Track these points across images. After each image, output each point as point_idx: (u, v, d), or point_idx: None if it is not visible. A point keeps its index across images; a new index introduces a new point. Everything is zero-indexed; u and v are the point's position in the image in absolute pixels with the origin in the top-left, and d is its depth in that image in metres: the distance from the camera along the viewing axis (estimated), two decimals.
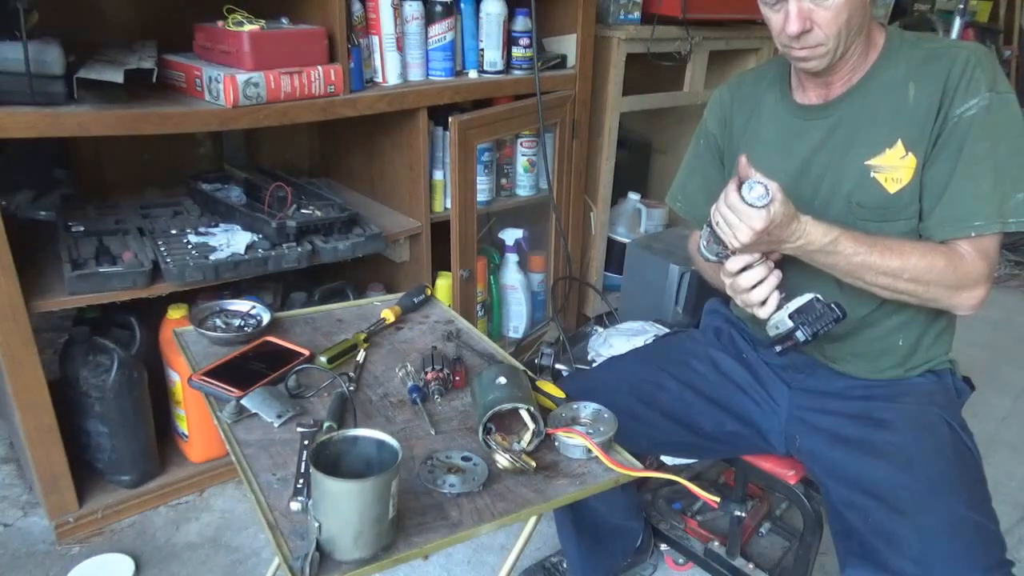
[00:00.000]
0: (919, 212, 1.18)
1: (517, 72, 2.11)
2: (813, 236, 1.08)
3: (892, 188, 1.18)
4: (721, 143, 1.39)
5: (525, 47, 2.09)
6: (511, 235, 2.32)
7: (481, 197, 2.13)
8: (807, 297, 1.11)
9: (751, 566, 1.58)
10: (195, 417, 1.79)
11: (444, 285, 2.09)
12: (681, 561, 1.70)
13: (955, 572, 1.00)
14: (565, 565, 1.63)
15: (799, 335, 1.09)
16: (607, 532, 1.49)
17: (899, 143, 1.17)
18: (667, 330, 1.82)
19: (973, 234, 1.12)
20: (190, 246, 1.67)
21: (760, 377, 1.36)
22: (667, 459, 1.47)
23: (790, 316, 1.10)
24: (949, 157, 1.13)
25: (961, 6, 2.38)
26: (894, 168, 1.17)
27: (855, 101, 1.21)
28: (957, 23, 2.39)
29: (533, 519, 0.96)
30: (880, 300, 1.19)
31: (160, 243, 1.66)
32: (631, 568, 1.68)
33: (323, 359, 1.19)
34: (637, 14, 2.32)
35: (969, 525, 1.03)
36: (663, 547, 1.71)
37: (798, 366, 1.32)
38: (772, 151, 1.29)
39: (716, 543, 1.63)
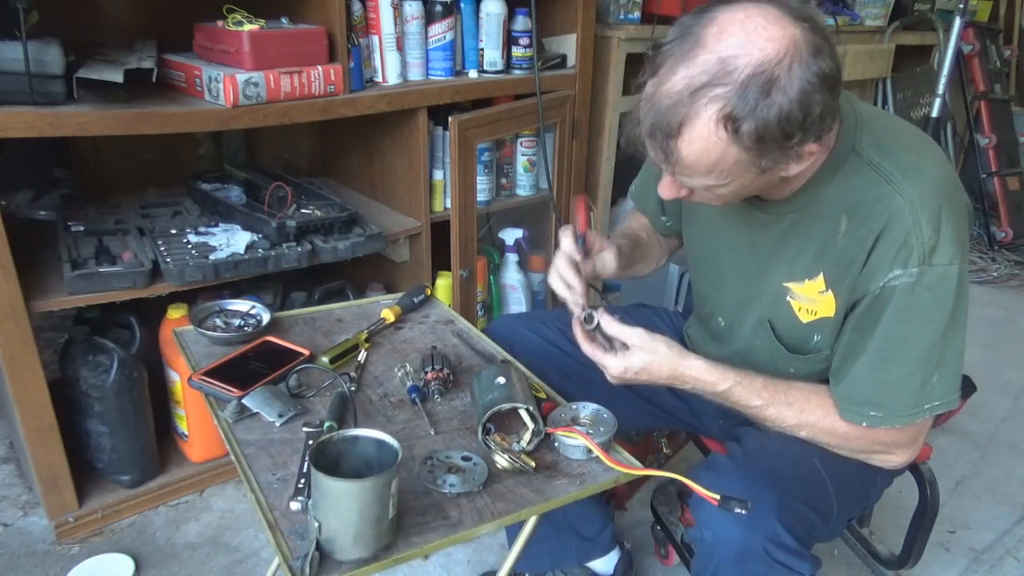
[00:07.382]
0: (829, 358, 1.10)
1: (517, 72, 2.11)
2: (703, 383, 1.07)
3: (805, 318, 1.09)
4: None
5: (525, 47, 2.09)
6: (511, 235, 2.32)
7: (481, 197, 2.13)
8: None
9: None
10: (195, 417, 1.79)
11: (444, 285, 2.09)
12: (662, 552, 1.68)
13: (745, 527, 0.96)
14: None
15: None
16: (561, 520, 1.46)
17: (821, 277, 1.06)
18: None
19: (878, 425, 1.03)
20: (190, 246, 1.67)
21: None
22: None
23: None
24: (863, 329, 1.03)
25: (961, 6, 2.38)
26: (811, 300, 1.08)
27: (793, 211, 1.07)
28: (957, 23, 2.38)
29: (533, 519, 0.96)
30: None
31: (160, 243, 1.66)
32: None
33: (324, 359, 1.19)
34: (637, 14, 2.32)
35: (797, 503, 0.99)
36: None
37: None
38: (714, 223, 1.20)
39: None
